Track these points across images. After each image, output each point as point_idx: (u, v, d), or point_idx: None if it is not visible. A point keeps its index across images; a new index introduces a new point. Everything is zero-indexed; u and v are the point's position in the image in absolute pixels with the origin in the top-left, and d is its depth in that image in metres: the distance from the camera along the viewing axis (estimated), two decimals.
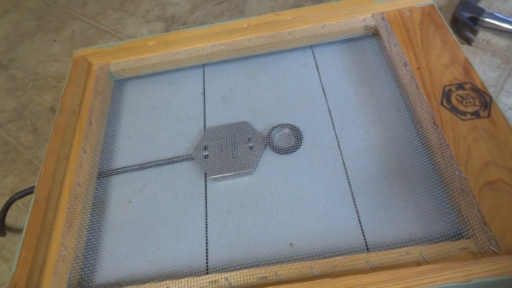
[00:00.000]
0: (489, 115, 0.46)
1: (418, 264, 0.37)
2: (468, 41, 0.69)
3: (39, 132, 0.72)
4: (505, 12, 0.72)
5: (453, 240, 0.38)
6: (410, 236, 0.41)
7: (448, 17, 0.73)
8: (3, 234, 0.57)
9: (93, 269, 0.44)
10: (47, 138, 0.71)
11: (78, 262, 0.43)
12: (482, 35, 0.69)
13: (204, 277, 0.39)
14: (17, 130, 0.73)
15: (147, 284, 0.40)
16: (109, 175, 0.52)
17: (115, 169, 0.52)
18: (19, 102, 0.78)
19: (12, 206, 0.62)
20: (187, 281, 0.39)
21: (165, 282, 0.40)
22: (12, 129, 0.74)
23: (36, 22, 0.95)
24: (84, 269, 0.43)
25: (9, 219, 0.61)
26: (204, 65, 0.63)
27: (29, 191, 0.54)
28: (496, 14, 0.69)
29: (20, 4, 1.02)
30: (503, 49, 0.67)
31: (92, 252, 0.45)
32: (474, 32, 0.67)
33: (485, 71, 0.65)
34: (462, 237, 0.39)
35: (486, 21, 0.69)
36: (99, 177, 0.52)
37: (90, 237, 0.46)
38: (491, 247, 0.37)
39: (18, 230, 0.60)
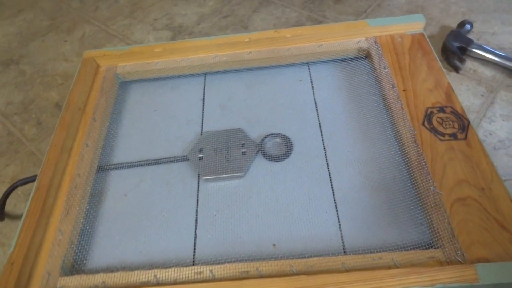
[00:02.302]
0: (465, 138, 0.49)
1: (389, 268, 0.40)
2: (456, 69, 0.73)
3: (43, 126, 0.75)
4: (492, 44, 0.76)
5: (423, 249, 0.41)
6: (384, 243, 0.44)
7: (439, 45, 0.77)
8: (1, 219, 0.60)
9: (86, 255, 0.46)
10: (51, 132, 0.74)
11: (72, 247, 0.46)
12: (469, 64, 0.74)
13: (190, 268, 0.42)
14: (22, 122, 0.77)
15: (136, 272, 0.42)
16: (107, 169, 0.55)
17: (113, 164, 0.55)
18: (26, 96, 0.81)
19: (12, 194, 0.65)
20: (174, 271, 0.42)
21: (153, 270, 0.42)
22: (17, 121, 0.77)
23: (48, 22, 1.00)
24: (78, 253, 0.46)
25: (8, 206, 0.64)
26: (205, 74, 0.67)
27: (31, 179, 0.57)
28: (484, 46, 0.74)
29: (36, 4, 1.07)
30: (488, 79, 0.71)
31: (86, 238, 0.48)
32: (462, 61, 0.72)
33: (470, 98, 0.68)
34: (432, 246, 0.42)
35: (474, 51, 0.74)
36: (98, 171, 0.55)
37: (85, 225, 0.49)
38: (457, 257, 0.40)
39: (16, 217, 0.63)
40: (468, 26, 0.78)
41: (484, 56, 0.73)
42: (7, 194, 0.57)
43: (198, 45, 0.64)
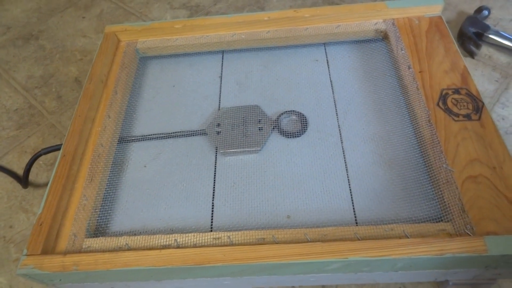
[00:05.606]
0: (479, 119, 0.50)
1: (400, 238, 0.41)
2: (472, 55, 0.73)
3: (63, 100, 0.77)
4: (509, 31, 0.76)
5: (433, 222, 0.43)
6: (396, 216, 0.45)
7: (456, 31, 0.77)
8: (26, 186, 0.62)
9: (110, 219, 0.49)
10: (71, 105, 0.76)
11: (96, 211, 0.48)
12: (485, 50, 0.74)
13: (208, 233, 0.44)
14: (42, 95, 0.79)
15: (157, 235, 0.45)
16: (128, 141, 0.57)
17: (134, 136, 0.57)
18: (46, 70, 0.83)
19: (33, 164, 0.67)
20: (194, 236, 0.44)
21: (173, 235, 0.45)
22: (38, 94, 0.79)
23: None
24: (102, 217, 0.48)
25: (30, 175, 0.66)
26: (223, 52, 0.68)
27: (54, 148, 0.59)
28: (501, 32, 0.74)
29: None
30: (503, 65, 0.71)
31: (109, 204, 0.50)
32: (478, 46, 0.72)
33: (484, 84, 0.69)
34: (442, 220, 0.43)
35: (490, 37, 0.74)
36: (119, 142, 0.57)
37: (108, 191, 0.51)
38: (466, 230, 0.41)
39: (38, 185, 0.65)
40: (485, 12, 0.78)
41: (500, 42, 0.73)
42: (32, 162, 0.59)
43: (217, 23, 0.65)
